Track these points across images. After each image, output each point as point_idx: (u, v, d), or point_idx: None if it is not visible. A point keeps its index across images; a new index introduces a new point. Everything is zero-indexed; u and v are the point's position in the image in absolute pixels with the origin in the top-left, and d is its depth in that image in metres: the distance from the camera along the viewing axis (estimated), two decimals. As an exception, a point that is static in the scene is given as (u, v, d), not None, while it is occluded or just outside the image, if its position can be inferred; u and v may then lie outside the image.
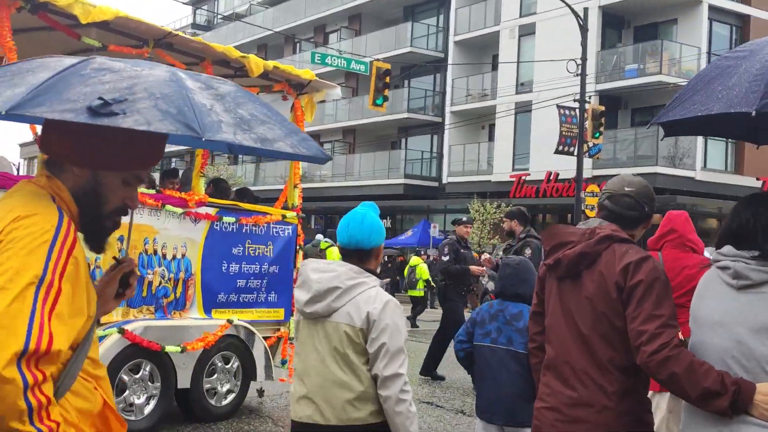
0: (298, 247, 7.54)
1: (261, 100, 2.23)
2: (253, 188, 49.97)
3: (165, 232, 6.40)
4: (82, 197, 1.99)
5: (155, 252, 6.36)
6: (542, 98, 28.29)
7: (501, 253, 9.35)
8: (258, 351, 6.91)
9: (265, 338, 7.12)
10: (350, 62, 24.49)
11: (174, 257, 6.49)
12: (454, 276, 9.62)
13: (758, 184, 26.69)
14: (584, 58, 23.70)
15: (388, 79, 22.34)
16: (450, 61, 35.45)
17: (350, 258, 3.25)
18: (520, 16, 32.30)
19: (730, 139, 29.26)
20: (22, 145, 73.37)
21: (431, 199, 36.39)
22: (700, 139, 27.99)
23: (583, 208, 24.17)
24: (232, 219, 6.89)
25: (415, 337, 14.86)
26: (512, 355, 4.21)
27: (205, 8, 56.37)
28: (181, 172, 9.49)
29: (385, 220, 39.08)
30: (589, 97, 25.45)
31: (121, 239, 5.37)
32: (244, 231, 7.00)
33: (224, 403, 6.83)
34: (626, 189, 3.02)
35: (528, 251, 8.16)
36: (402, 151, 38.29)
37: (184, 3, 56.04)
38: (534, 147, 30.70)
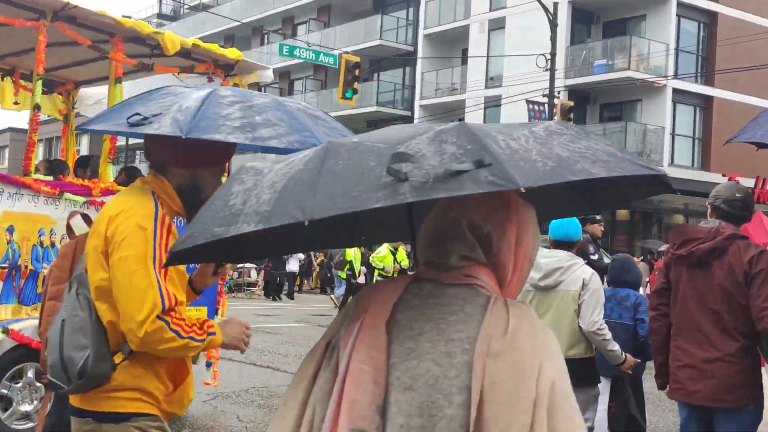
0: None
1: (290, 108, 2.79)
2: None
3: (65, 223, 6.03)
4: (185, 190, 2.67)
5: (53, 244, 5.82)
6: (512, 93, 28.42)
7: None
8: None
9: None
10: (319, 55, 24.42)
11: None
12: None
13: (724, 180, 27.09)
14: (553, 53, 23.91)
15: (357, 72, 22.34)
16: (419, 54, 35.50)
17: (562, 247, 5.02)
18: (490, 10, 32.45)
19: (696, 136, 29.74)
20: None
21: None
22: (667, 135, 28.38)
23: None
24: None
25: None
26: (622, 326, 5.62)
27: (171, -2, 55.84)
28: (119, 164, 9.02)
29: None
30: (558, 92, 25.67)
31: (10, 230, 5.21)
32: None
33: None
34: (737, 195, 4.15)
35: None
36: (371, 145, 38.31)
37: (149, -8, 55.46)
38: (503, 142, 30.91)
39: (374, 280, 17.64)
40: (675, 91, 28.69)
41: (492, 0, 32.46)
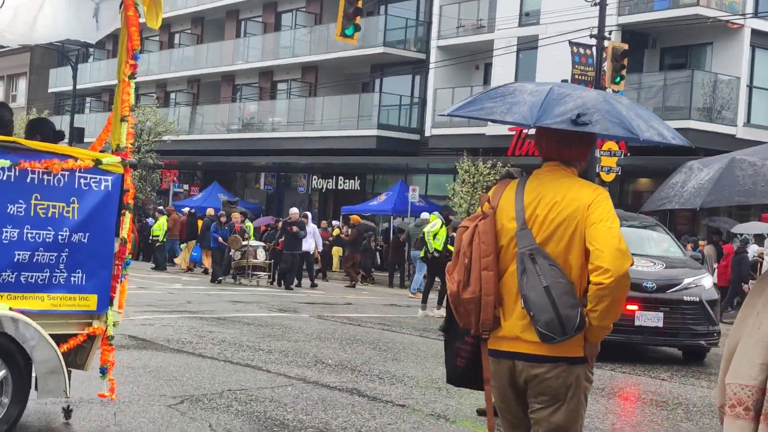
0: (125, 208, 6.38)
1: (638, 105, 4.56)
2: (188, 138, 49.39)
3: None
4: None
5: None
6: (551, 32, 28.32)
7: None
8: (42, 355, 5.72)
9: (68, 336, 6.03)
10: (313, -19, 24.30)
11: None
12: None
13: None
14: (604, -16, 23.77)
15: (360, 4, 22.24)
16: (437, -17, 35.38)
17: None
18: (527, -71, 32.26)
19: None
20: None
21: (410, 156, 36.46)
22: (743, 89, 28.25)
23: (597, 170, 24.37)
24: (4, 162, 5.65)
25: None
26: None
27: None
28: None
29: (351, 181, 39.44)
30: (610, 32, 25.55)
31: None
32: (28, 181, 5.77)
33: None
34: None
35: None
36: (376, 95, 38.31)
37: None
38: (540, 93, 30.77)
39: (424, 255, 18.13)
40: (754, 32, 28.52)
41: None
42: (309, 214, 28.69)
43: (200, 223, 30.48)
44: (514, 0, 32.54)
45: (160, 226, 30.03)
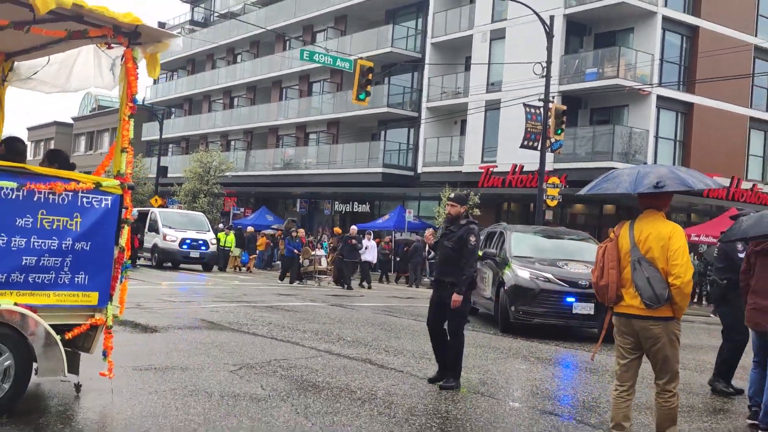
0: (124, 222, 5.91)
1: (688, 169, 5.64)
2: (241, 174, 49.60)
3: None
4: None
5: None
6: (510, 97, 28.38)
7: (439, 234, 8.62)
8: (40, 341, 5.31)
9: (73, 326, 5.66)
10: (336, 60, 24.42)
11: None
12: None
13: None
14: (549, 62, 23.83)
15: (370, 76, 22.37)
16: (427, 61, 35.46)
17: None
18: (492, 22, 32.36)
19: (678, 139, 29.60)
20: (30, 129, 72.59)
21: (407, 187, 36.44)
22: (651, 139, 28.26)
23: (544, 198, 24.36)
24: (12, 184, 5.26)
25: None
26: None
27: (203, 6, 55.76)
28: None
29: (363, 206, 39.33)
30: (553, 97, 25.59)
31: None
32: (35, 199, 5.38)
33: None
34: None
35: (473, 239, 7.67)
36: (381, 142, 38.28)
37: (183, 1, 55.41)
38: (501, 141, 30.82)
39: None
40: (659, 97, 28.58)
41: (494, 12, 32.37)
42: (371, 232, 28.03)
43: (245, 234, 30.96)
44: (483, 73, 32.62)
45: (231, 240, 30.11)
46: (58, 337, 5.38)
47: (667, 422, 5.15)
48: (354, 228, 25.58)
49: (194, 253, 27.61)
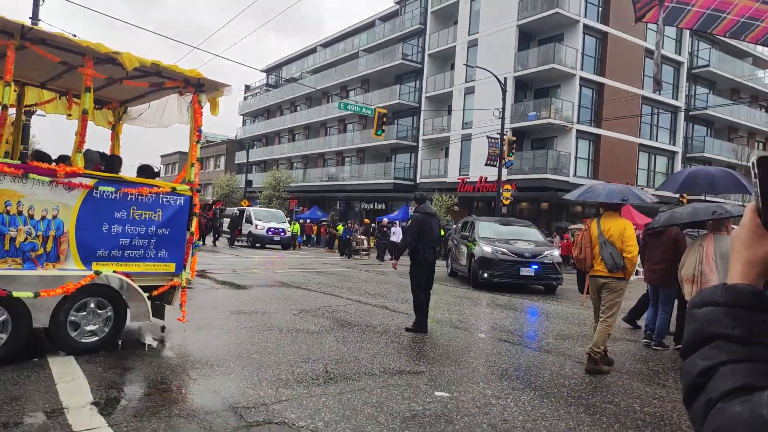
0: (193, 215, 5.52)
1: (635, 188, 5.68)
2: (300, 185, 48.99)
3: (32, 197, 4.65)
4: None
5: (19, 212, 4.59)
6: (478, 132, 28.16)
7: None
8: (131, 296, 5.09)
9: (157, 287, 5.40)
10: (362, 108, 24.34)
11: (43, 218, 4.72)
12: None
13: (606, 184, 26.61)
14: (503, 108, 23.61)
15: (385, 119, 22.24)
16: (422, 108, 35.22)
17: None
18: (466, 82, 32.03)
19: (590, 158, 29.25)
20: (163, 156, 72.75)
21: (410, 192, 36.27)
22: (572, 158, 27.93)
23: (501, 199, 24.21)
24: (111, 188, 5.03)
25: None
26: None
27: (274, 74, 55.78)
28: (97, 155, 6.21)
29: (381, 205, 38.99)
30: (506, 131, 25.38)
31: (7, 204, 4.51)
32: (129, 199, 5.14)
33: (85, 340, 4.95)
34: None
35: (408, 222, 7.17)
36: (392, 163, 37.99)
37: (261, 71, 55.50)
38: (472, 160, 30.61)
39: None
40: (578, 131, 28.20)
41: (467, 75, 32.06)
42: (397, 222, 27.10)
43: (297, 225, 30.62)
44: (460, 116, 32.34)
45: (297, 228, 29.58)
46: (144, 294, 5.17)
47: (602, 339, 5.35)
48: (385, 219, 25.39)
49: (276, 238, 27.38)
